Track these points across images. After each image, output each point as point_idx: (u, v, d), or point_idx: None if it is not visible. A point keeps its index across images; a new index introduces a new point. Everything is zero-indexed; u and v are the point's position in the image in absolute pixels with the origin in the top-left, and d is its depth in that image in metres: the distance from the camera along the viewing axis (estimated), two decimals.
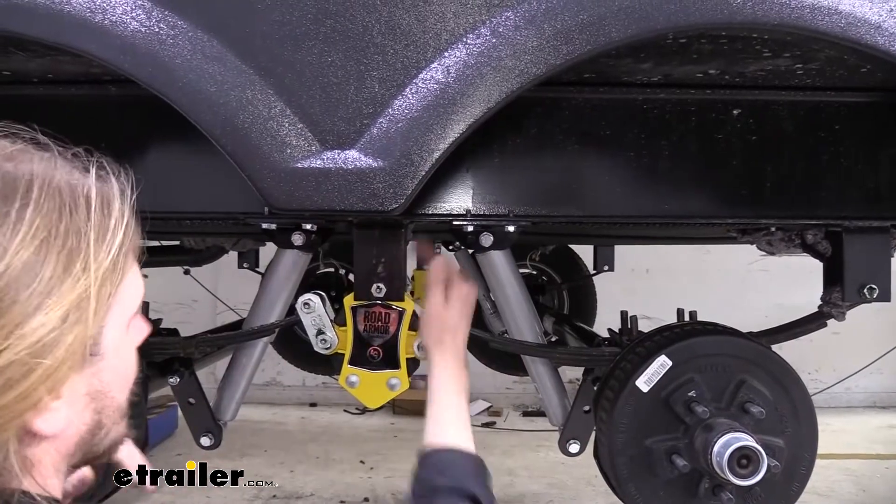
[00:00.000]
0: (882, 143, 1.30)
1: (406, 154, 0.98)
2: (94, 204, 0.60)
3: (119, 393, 0.66)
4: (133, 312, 0.66)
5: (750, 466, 1.15)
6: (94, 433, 0.65)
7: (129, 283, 0.64)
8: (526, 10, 0.94)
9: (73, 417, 0.61)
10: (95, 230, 0.59)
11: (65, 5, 0.93)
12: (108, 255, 0.59)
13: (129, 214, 0.64)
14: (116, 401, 0.66)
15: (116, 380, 0.65)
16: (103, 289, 0.59)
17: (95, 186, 0.61)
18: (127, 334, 0.66)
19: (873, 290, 1.35)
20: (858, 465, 3.83)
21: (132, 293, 0.65)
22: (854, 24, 0.92)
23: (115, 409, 0.66)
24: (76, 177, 0.61)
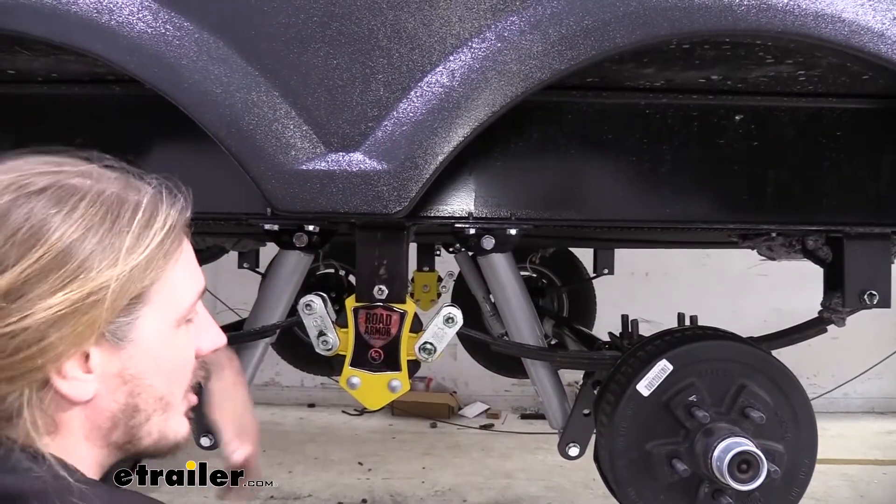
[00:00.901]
0: (883, 150, 1.30)
1: (410, 157, 0.98)
2: (139, 214, 0.70)
3: (160, 384, 0.74)
4: (180, 314, 0.74)
5: (750, 471, 1.15)
6: (130, 415, 0.73)
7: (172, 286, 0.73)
8: (531, 15, 0.94)
9: (104, 393, 0.70)
10: (134, 235, 0.69)
11: (71, 5, 0.94)
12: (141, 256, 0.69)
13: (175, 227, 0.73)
14: (156, 390, 0.74)
15: (155, 370, 0.73)
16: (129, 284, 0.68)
17: (146, 201, 0.71)
18: (176, 332, 0.74)
19: (873, 296, 1.36)
20: (856, 471, 3.84)
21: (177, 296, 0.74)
22: (857, 31, 0.93)
23: (155, 398, 0.74)
24: (129, 193, 0.71)
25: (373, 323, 1.29)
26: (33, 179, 0.68)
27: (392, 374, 1.30)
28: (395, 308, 1.28)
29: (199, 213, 1.29)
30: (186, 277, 0.75)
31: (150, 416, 0.74)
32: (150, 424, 0.74)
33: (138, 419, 0.73)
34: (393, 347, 1.29)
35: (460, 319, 1.30)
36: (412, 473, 3.72)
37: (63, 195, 0.68)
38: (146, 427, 0.74)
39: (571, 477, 3.59)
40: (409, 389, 1.31)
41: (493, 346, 1.50)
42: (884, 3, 0.93)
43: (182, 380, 0.77)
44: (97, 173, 0.72)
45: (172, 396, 0.76)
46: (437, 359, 1.31)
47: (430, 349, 1.30)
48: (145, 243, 0.70)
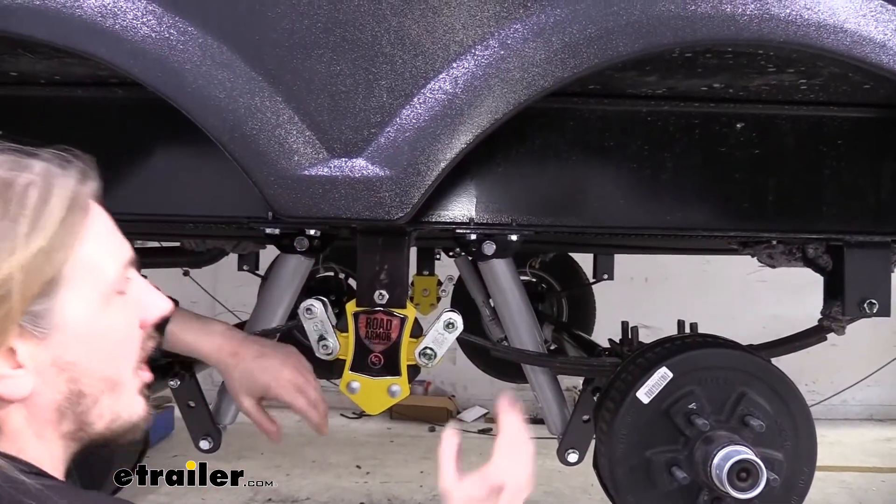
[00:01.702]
0: (884, 159, 1.31)
1: (413, 163, 0.98)
2: (31, 194, 0.66)
3: (100, 364, 0.70)
4: (106, 288, 0.70)
5: (749, 480, 1.15)
6: (76, 402, 0.70)
7: (88, 261, 0.69)
8: (535, 22, 0.94)
9: (43, 385, 0.67)
10: (29, 217, 0.65)
11: (75, 9, 0.94)
12: (42, 238, 0.65)
13: (77, 199, 0.69)
14: (98, 372, 0.70)
15: (91, 352, 0.69)
16: (36, 270, 0.65)
17: (37, 179, 0.67)
18: (106, 307, 0.70)
19: (873, 304, 1.36)
20: (854, 478, 3.84)
21: (96, 270, 0.70)
22: (859, 42, 0.93)
23: (100, 379, 0.71)
24: (18, 174, 0.67)
25: (373, 328, 1.29)
26: None
27: (392, 379, 1.30)
28: (396, 313, 1.28)
29: (201, 217, 1.31)
30: (103, 249, 0.71)
31: (98, 398, 0.71)
32: (99, 407, 0.71)
33: (85, 404, 0.70)
34: (393, 352, 1.29)
35: (461, 324, 1.30)
36: (410, 477, 3.72)
37: None
38: (95, 410, 0.71)
39: (570, 482, 3.59)
40: (408, 394, 1.31)
41: (494, 351, 1.50)
42: (886, 14, 0.94)
43: (126, 355, 0.74)
44: None
45: (119, 375, 0.73)
46: (437, 364, 1.31)
47: (431, 354, 1.30)
48: (44, 223, 0.65)
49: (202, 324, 1.23)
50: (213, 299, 4.73)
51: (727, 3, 0.91)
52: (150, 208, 1.30)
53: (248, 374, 1.20)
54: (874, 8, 0.93)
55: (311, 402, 1.24)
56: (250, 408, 1.22)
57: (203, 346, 1.21)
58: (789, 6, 0.92)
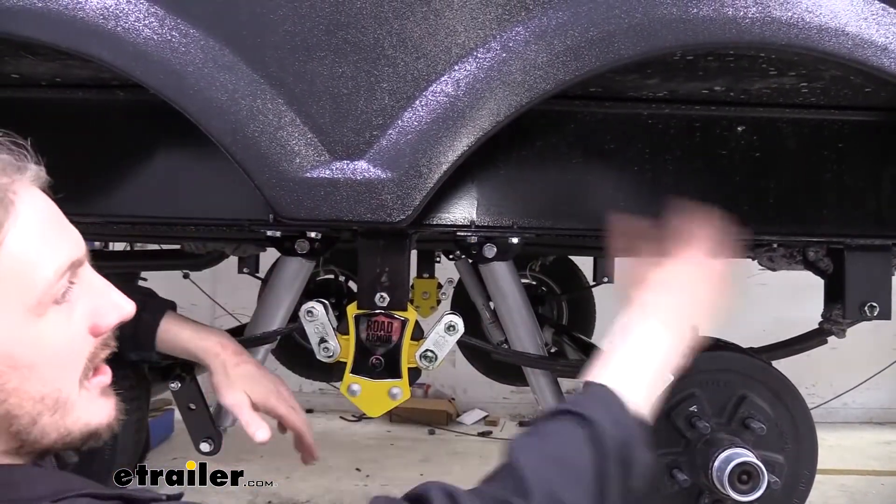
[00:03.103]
0: (885, 162, 1.31)
1: (415, 166, 0.98)
2: None
3: (31, 384, 0.61)
4: (34, 298, 0.60)
5: (750, 482, 1.15)
6: (7, 424, 0.61)
7: (15, 268, 0.59)
8: (536, 25, 0.95)
9: None
10: None
11: (78, 11, 0.94)
12: None
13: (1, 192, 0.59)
14: (28, 393, 0.61)
15: (14, 372, 0.60)
16: None
17: None
18: (37, 320, 0.61)
19: (874, 307, 1.36)
20: (854, 481, 3.84)
21: (23, 277, 0.60)
22: (861, 45, 0.93)
23: (31, 400, 0.61)
24: None
25: (374, 330, 1.29)
26: None
27: (393, 382, 1.29)
28: (397, 315, 1.28)
29: (202, 219, 1.31)
30: (34, 251, 0.60)
31: (36, 418, 0.62)
32: (39, 426, 0.62)
33: (20, 424, 0.62)
34: (394, 355, 1.29)
35: (461, 327, 1.30)
36: (410, 480, 3.70)
37: None
38: (36, 430, 0.62)
39: None
40: (409, 397, 1.31)
41: (494, 354, 1.50)
42: (887, 17, 0.94)
43: (67, 370, 0.64)
44: None
45: (60, 391, 0.63)
46: (438, 366, 1.31)
47: (432, 357, 1.30)
48: None
49: (200, 326, 1.21)
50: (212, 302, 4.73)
51: (729, 6, 0.92)
52: (151, 211, 1.30)
53: (252, 375, 1.17)
54: (876, 11, 0.94)
55: (306, 423, 1.22)
56: (244, 402, 1.13)
57: (203, 341, 1.17)
58: (791, 9, 0.92)
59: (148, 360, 1.24)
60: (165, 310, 1.18)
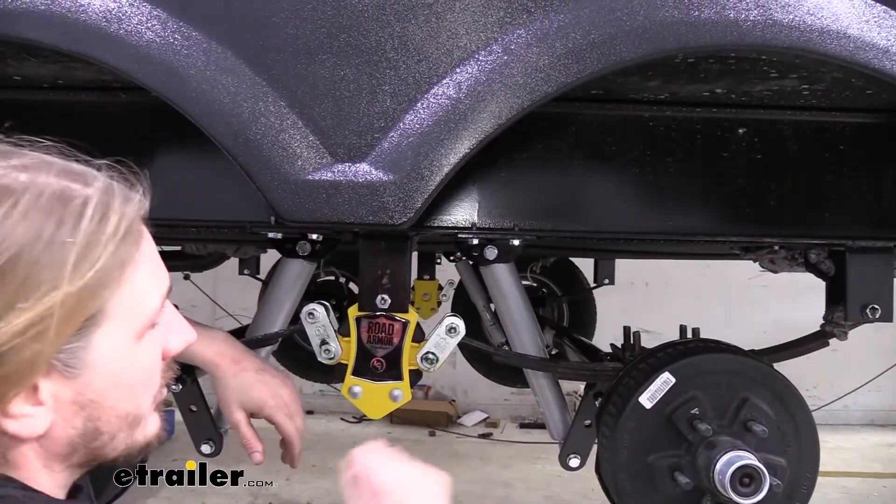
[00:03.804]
0: (886, 164, 1.31)
1: (416, 168, 0.98)
2: (86, 216, 0.59)
3: (123, 402, 0.65)
4: (143, 324, 0.64)
5: (752, 485, 1.15)
6: (91, 439, 0.64)
7: (132, 296, 0.62)
8: (538, 28, 0.95)
9: (60, 422, 0.62)
10: (81, 245, 0.58)
11: (81, 14, 0.94)
12: (92, 271, 0.58)
13: (132, 226, 0.62)
14: (119, 410, 0.65)
15: (116, 390, 0.64)
16: (79, 307, 0.58)
17: (95, 197, 0.60)
18: (136, 345, 0.64)
19: (875, 310, 1.36)
20: (855, 484, 3.83)
21: (139, 306, 0.64)
22: (862, 48, 0.93)
23: (119, 417, 0.65)
24: (74, 188, 0.60)
25: (375, 332, 1.29)
26: None
27: (394, 384, 1.29)
28: (398, 317, 1.28)
29: (204, 221, 1.31)
30: (149, 282, 0.65)
31: (115, 435, 0.66)
32: (115, 442, 0.66)
33: (101, 441, 0.65)
34: (395, 357, 1.29)
35: (462, 329, 1.30)
36: None
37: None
38: (111, 446, 0.66)
39: (570, 487, 3.58)
40: (410, 399, 1.31)
41: (496, 356, 1.49)
42: (889, 19, 0.94)
43: (149, 389, 0.68)
44: (34, 164, 0.60)
45: (139, 410, 0.67)
46: (439, 368, 1.31)
47: (433, 359, 1.30)
48: (96, 254, 0.58)
49: (202, 329, 1.20)
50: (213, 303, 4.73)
51: (730, 9, 0.92)
52: (152, 213, 1.29)
53: (246, 386, 1.17)
54: (877, 14, 0.94)
55: (299, 431, 1.21)
56: (241, 421, 1.18)
57: (203, 350, 1.18)
58: (792, 12, 0.92)
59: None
60: None
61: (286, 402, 1.18)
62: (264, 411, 1.17)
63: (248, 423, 1.19)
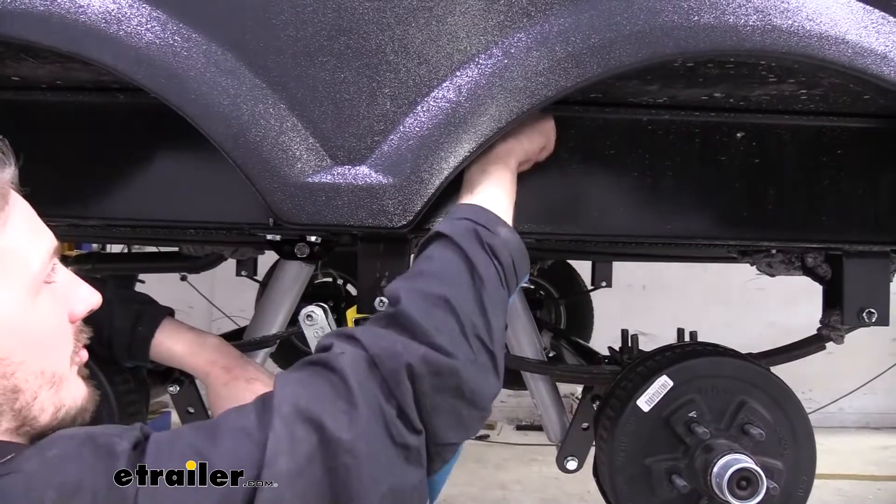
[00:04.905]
0: (883, 169, 1.31)
1: (416, 171, 0.98)
2: None
3: (34, 359, 0.69)
4: (31, 278, 0.69)
5: (749, 488, 1.15)
6: (12, 398, 0.67)
7: (12, 251, 0.68)
8: (538, 32, 0.95)
9: None
10: None
11: (80, 15, 0.94)
12: None
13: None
14: (33, 365, 0.68)
15: (22, 346, 0.67)
16: None
17: None
18: (34, 299, 0.69)
19: (872, 314, 1.36)
20: (851, 486, 3.85)
21: (19, 260, 0.68)
22: (861, 53, 0.93)
23: (35, 374, 0.69)
24: None
25: None
26: None
27: None
28: None
29: (202, 223, 1.31)
30: (26, 237, 0.70)
31: (37, 393, 0.69)
32: (39, 401, 0.69)
33: (24, 399, 0.68)
34: None
35: None
36: None
37: None
38: (36, 405, 0.69)
39: (566, 489, 3.59)
40: None
41: None
42: (887, 26, 0.94)
43: (61, 347, 0.72)
44: None
45: (57, 367, 0.71)
46: None
47: None
48: None
49: (195, 335, 1.19)
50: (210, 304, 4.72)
51: (730, 14, 0.92)
52: (151, 214, 1.29)
53: (238, 396, 1.15)
54: (875, 20, 0.94)
55: None
56: None
57: (195, 357, 1.16)
58: (791, 17, 0.92)
59: (145, 367, 1.24)
60: (161, 320, 1.16)
61: None
62: None
63: None
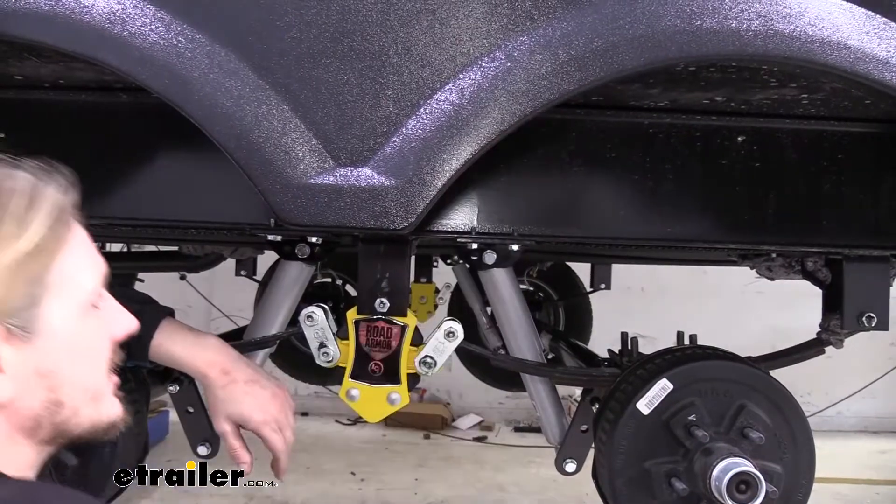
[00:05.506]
0: (883, 173, 1.31)
1: (418, 173, 0.98)
2: (17, 200, 0.68)
3: (80, 374, 0.73)
4: (84, 299, 0.73)
5: (748, 492, 1.15)
6: (54, 411, 0.70)
7: (70, 271, 0.71)
8: (541, 35, 0.95)
9: (22, 393, 0.68)
10: (15, 220, 0.67)
11: (84, 15, 0.94)
12: (28, 241, 0.67)
13: (62, 210, 0.72)
14: (79, 382, 0.72)
15: (73, 361, 0.71)
16: (20, 271, 0.66)
17: (23, 186, 0.69)
18: (84, 318, 0.72)
19: (872, 318, 1.37)
20: (849, 490, 3.84)
21: (77, 281, 0.72)
22: (863, 59, 0.94)
23: (79, 389, 0.72)
24: (3, 180, 0.69)
25: (374, 335, 1.29)
26: None
27: (392, 387, 1.30)
28: (396, 321, 1.28)
29: (204, 223, 1.31)
30: (84, 262, 0.74)
31: (78, 408, 0.72)
32: (79, 417, 0.72)
33: (64, 414, 0.71)
34: (393, 360, 1.29)
35: (461, 334, 1.30)
36: (405, 484, 3.71)
37: None
38: (75, 420, 0.72)
39: (564, 491, 3.59)
40: (408, 403, 1.31)
41: (493, 360, 1.50)
42: (889, 31, 0.95)
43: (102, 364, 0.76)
44: None
45: (97, 384, 0.75)
46: (436, 372, 1.31)
47: (431, 363, 1.30)
48: (30, 227, 0.68)
49: (194, 336, 1.19)
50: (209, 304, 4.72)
51: (732, 19, 0.92)
52: (152, 213, 1.30)
53: (235, 398, 1.16)
54: (877, 25, 0.94)
55: (288, 444, 1.19)
56: (228, 432, 1.17)
57: (194, 359, 1.16)
58: (794, 23, 0.92)
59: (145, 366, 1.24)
60: (161, 321, 1.16)
61: (274, 416, 1.17)
62: (250, 425, 1.16)
63: (235, 434, 1.17)
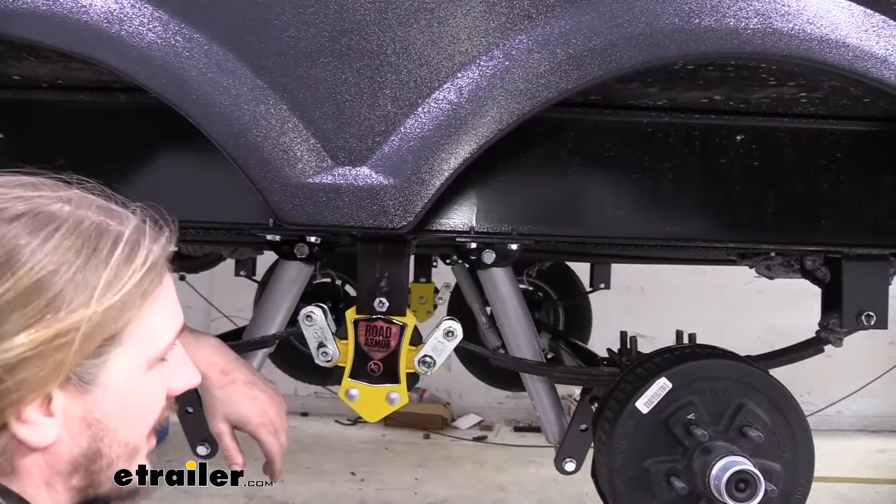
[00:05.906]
0: (882, 172, 1.31)
1: (417, 172, 0.98)
2: (118, 248, 0.66)
3: (126, 428, 0.70)
4: (155, 356, 0.71)
5: (747, 490, 1.15)
6: (92, 459, 0.69)
7: (148, 327, 0.69)
8: (539, 34, 0.95)
9: (67, 438, 0.67)
10: (111, 271, 0.65)
11: (82, 15, 0.94)
12: (117, 296, 0.65)
13: (157, 264, 0.69)
14: (121, 435, 0.70)
15: (121, 414, 0.69)
16: (102, 326, 0.64)
17: (128, 233, 0.67)
18: (147, 374, 0.70)
19: (871, 317, 1.37)
20: (848, 489, 3.85)
21: (153, 337, 0.70)
22: (861, 57, 0.94)
23: (120, 443, 0.70)
24: (110, 223, 0.67)
25: (373, 335, 1.29)
26: (9, 204, 0.64)
27: (391, 387, 1.30)
28: (396, 321, 1.28)
29: (203, 223, 1.31)
30: (164, 317, 0.72)
31: (113, 461, 0.70)
32: (111, 470, 0.71)
33: (100, 464, 0.69)
34: (392, 360, 1.29)
35: (460, 333, 1.30)
36: (405, 484, 3.71)
37: (39, 223, 0.63)
38: (107, 473, 0.70)
39: (564, 490, 3.59)
40: (407, 402, 1.31)
41: (493, 360, 1.50)
42: (887, 29, 0.95)
43: (148, 423, 0.74)
44: (77, 199, 0.68)
45: (138, 441, 0.72)
46: (436, 372, 1.31)
47: (430, 362, 1.30)
48: (123, 281, 0.65)
49: (194, 337, 1.18)
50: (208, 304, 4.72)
51: (731, 17, 0.92)
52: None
53: (233, 400, 1.16)
54: (876, 23, 0.94)
55: (282, 448, 1.19)
56: (225, 433, 1.18)
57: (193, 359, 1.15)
58: (792, 21, 0.92)
59: None
60: None
61: (271, 419, 1.17)
62: (248, 427, 1.16)
63: (230, 435, 1.18)
